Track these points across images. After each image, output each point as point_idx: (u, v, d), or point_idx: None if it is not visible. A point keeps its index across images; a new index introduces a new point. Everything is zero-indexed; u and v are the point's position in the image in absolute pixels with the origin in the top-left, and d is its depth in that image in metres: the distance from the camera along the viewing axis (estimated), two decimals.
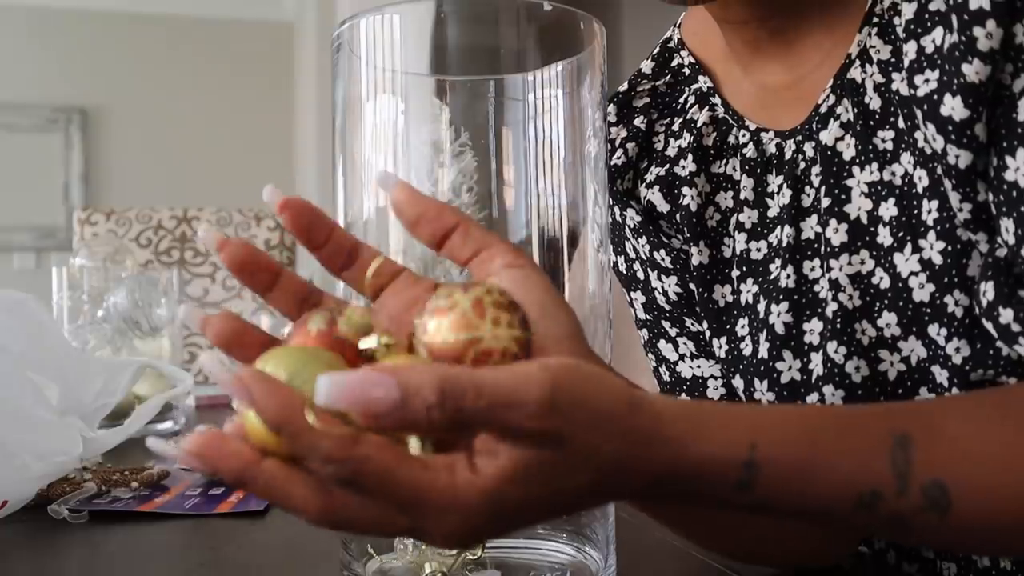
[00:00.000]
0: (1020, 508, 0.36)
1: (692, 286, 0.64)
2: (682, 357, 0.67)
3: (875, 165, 0.52)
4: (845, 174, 0.53)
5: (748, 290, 0.59)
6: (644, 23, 3.43)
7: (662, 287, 0.67)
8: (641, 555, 0.55)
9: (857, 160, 0.52)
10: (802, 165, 0.55)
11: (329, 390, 0.26)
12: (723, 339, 0.61)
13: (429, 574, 0.43)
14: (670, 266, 0.65)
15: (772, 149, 0.57)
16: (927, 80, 0.45)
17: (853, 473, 0.34)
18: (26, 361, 0.65)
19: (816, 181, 0.54)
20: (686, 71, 0.64)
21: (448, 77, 0.45)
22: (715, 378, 0.65)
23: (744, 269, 0.59)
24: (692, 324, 0.66)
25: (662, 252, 0.66)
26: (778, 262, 0.56)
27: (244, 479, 0.28)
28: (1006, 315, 0.42)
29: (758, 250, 0.58)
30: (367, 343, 0.32)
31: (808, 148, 0.55)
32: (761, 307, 0.57)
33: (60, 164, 4.03)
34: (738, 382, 0.60)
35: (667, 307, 0.67)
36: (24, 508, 0.62)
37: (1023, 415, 0.38)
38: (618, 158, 0.65)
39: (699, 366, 0.66)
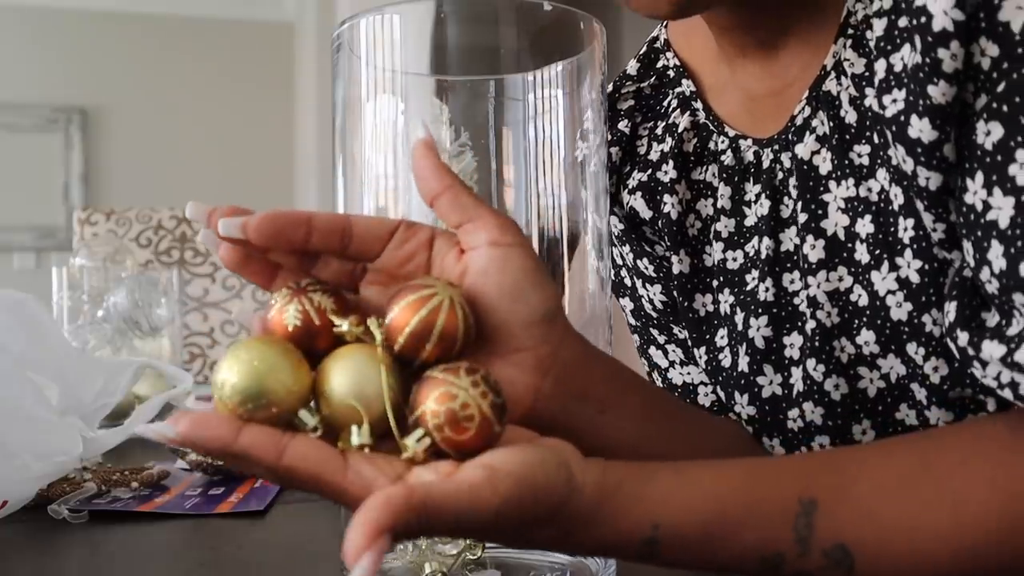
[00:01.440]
0: (925, 569, 0.38)
1: (675, 294, 0.64)
2: (672, 364, 0.67)
3: (851, 180, 0.51)
4: (822, 189, 0.52)
5: (725, 300, 0.58)
6: (644, 23, 3.42)
7: (648, 295, 0.66)
8: None
9: (834, 175, 0.52)
10: (780, 175, 0.55)
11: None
12: (703, 349, 0.61)
13: (429, 574, 0.43)
14: (654, 274, 0.65)
15: (750, 157, 0.57)
16: (895, 100, 0.44)
17: (756, 541, 0.37)
18: (26, 361, 0.65)
19: (794, 193, 0.54)
20: (671, 73, 0.63)
21: (448, 77, 0.45)
22: (705, 384, 0.65)
23: (721, 279, 0.58)
24: (680, 331, 0.65)
25: (645, 261, 0.65)
26: (755, 273, 0.56)
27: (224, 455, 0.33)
28: (963, 338, 0.41)
29: (734, 259, 0.58)
30: (340, 327, 0.36)
31: (785, 159, 0.54)
32: (739, 319, 0.57)
33: (60, 164, 4.03)
34: (719, 393, 0.60)
35: (654, 315, 0.66)
36: (24, 508, 0.62)
37: (940, 472, 0.39)
38: None
39: (688, 372, 0.66)
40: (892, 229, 0.49)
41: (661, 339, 0.67)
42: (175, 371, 0.86)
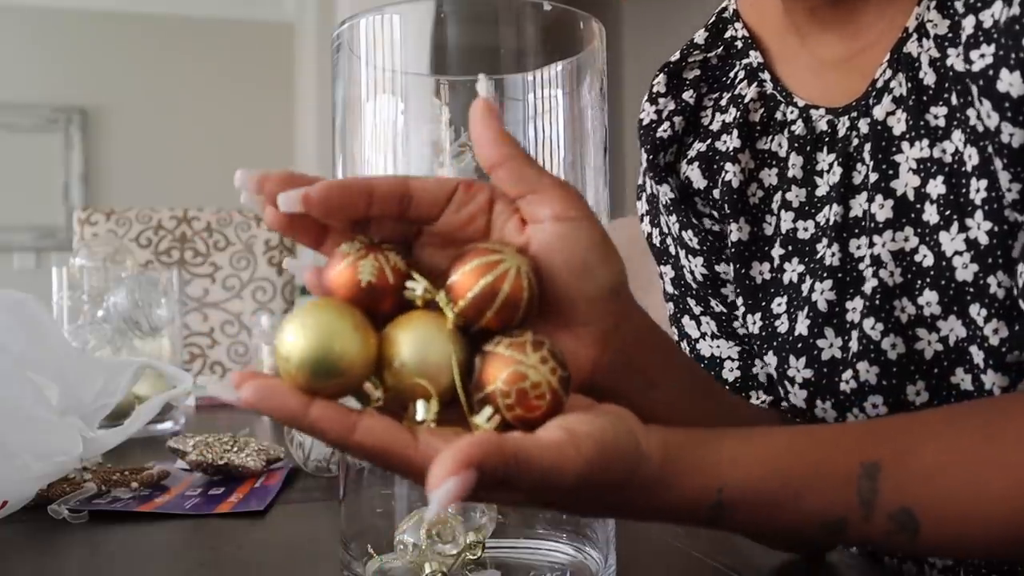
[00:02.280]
0: (990, 533, 0.38)
1: (725, 264, 0.64)
2: (703, 335, 0.67)
3: (925, 141, 0.51)
4: (894, 149, 0.52)
5: (793, 269, 0.58)
6: (644, 23, 3.43)
7: (689, 266, 0.67)
8: (641, 555, 0.55)
9: (907, 136, 0.52)
10: (855, 142, 0.55)
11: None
12: (757, 315, 0.61)
13: (429, 574, 0.43)
14: (697, 247, 0.66)
15: (823, 126, 0.57)
16: (983, 55, 0.45)
17: (819, 504, 0.36)
18: (26, 361, 0.65)
19: (867, 159, 0.54)
20: (739, 44, 0.64)
21: (448, 77, 0.45)
22: (731, 359, 0.66)
23: (789, 248, 0.59)
24: (716, 304, 0.66)
25: (690, 232, 0.66)
26: (825, 241, 0.56)
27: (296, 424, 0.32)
28: None
29: (805, 229, 0.58)
30: (411, 289, 0.35)
31: (863, 125, 0.55)
32: (805, 286, 0.57)
33: (60, 164, 4.03)
34: (771, 359, 0.60)
35: (694, 286, 0.67)
36: (24, 508, 0.62)
37: (1004, 439, 0.38)
38: (664, 131, 0.64)
39: (718, 346, 0.66)
40: (964, 191, 0.49)
41: (697, 310, 0.68)
42: (175, 371, 0.86)
